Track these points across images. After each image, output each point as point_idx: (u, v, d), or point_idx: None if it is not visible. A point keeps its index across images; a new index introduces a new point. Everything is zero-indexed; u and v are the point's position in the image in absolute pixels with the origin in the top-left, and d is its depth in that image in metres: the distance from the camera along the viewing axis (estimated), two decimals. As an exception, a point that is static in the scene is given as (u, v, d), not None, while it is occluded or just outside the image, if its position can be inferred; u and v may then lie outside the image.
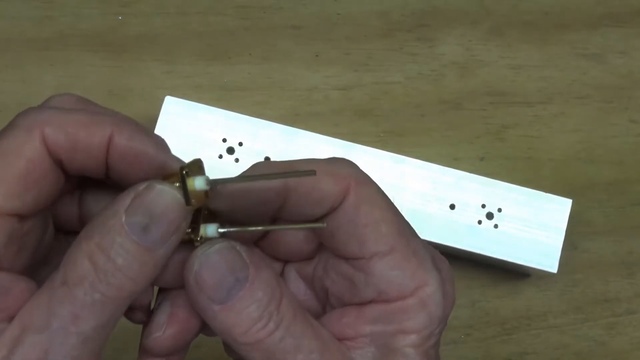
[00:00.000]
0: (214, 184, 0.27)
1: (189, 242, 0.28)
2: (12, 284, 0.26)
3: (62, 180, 0.27)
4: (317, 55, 0.54)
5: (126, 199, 0.26)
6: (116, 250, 0.25)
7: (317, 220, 0.29)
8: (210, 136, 0.48)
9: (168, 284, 0.29)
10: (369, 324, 0.29)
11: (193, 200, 0.26)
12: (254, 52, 0.54)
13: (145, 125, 0.51)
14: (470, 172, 0.49)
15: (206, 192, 0.27)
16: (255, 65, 0.54)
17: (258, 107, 0.53)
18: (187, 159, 0.48)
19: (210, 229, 0.28)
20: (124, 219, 0.25)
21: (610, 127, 0.54)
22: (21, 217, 0.26)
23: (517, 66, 0.55)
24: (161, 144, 0.28)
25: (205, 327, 0.30)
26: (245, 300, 0.27)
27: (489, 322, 0.51)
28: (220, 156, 0.48)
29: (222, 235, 0.28)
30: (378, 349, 0.29)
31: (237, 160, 0.48)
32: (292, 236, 0.31)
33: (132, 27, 0.54)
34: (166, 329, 0.29)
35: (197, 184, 0.26)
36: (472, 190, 0.48)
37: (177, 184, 0.26)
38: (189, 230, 0.28)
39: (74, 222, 0.30)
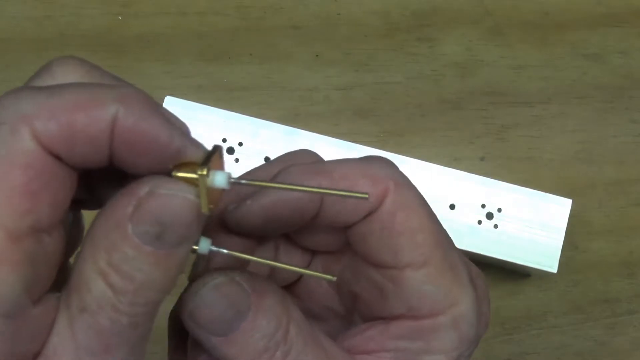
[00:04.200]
0: (237, 183, 0.23)
1: None
2: (45, 316, 0.22)
3: (74, 174, 0.22)
4: (317, 55, 0.54)
5: (127, 205, 0.22)
6: (131, 265, 0.21)
7: (350, 226, 0.26)
8: (210, 136, 0.48)
9: None
10: (394, 339, 0.26)
11: (211, 206, 0.22)
12: (254, 52, 0.54)
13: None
14: (470, 172, 0.49)
15: (222, 191, 0.23)
16: (255, 65, 0.54)
17: (258, 107, 0.53)
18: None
19: (203, 244, 0.24)
20: (130, 229, 0.21)
21: (610, 127, 0.54)
22: (41, 233, 0.22)
23: (517, 66, 0.55)
24: (175, 123, 0.23)
25: None
26: (248, 331, 0.24)
27: (489, 322, 0.51)
28: (221, 156, 0.48)
29: (211, 252, 0.24)
30: None
31: (237, 160, 0.48)
32: (320, 227, 0.27)
33: (132, 27, 0.54)
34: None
35: (217, 180, 0.22)
36: (472, 190, 0.48)
37: (189, 175, 0.22)
38: None
39: (84, 194, 0.25)
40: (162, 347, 0.49)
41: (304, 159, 0.28)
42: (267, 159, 0.48)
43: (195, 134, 0.51)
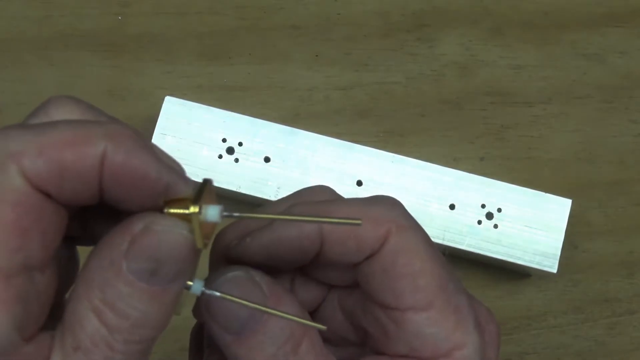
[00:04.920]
0: (229, 216, 0.23)
1: None
2: (38, 354, 0.22)
3: (65, 211, 0.23)
4: (317, 55, 0.54)
5: (122, 243, 0.22)
6: (126, 303, 0.22)
7: (356, 265, 0.26)
8: (210, 136, 0.48)
9: None
10: None
11: (206, 240, 0.23)
12: (254, 52, 0.54)
13: (145, 126, 0.52)
14: (470, 172, 0.49)
15: (214, 224, 0.23)
16: (255, 65, 0.54)
17: (258, 107, 0.53)
18: (187, 159, 0.48)
19: (196, 285, 0.24)
20: (124, 266, 0.22)
21: (610, 127, 0.54)
22: (33, 270, 0.22)
23: (517, 66, 0.55)
24: (165, 160, 0.23)
25: None
26: (260, 335, 0.25)
27: None
28: (220, 156, 0.48)
29: (202, 294, 0.24)
30: None
31: (236, 160, 0.48)
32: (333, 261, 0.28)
33: (132, 27, 0.54)
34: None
35: (209, 215, 0.23)
36: (472, 190, 0.48)
37: (181, 211, 0.22)
38: None
39: (78, 230, 0.26)
40: (160, 347, 0.49)
41: (317, 197, 0.28)
42: (267, 159, 0.48)
43: (195, 134, 0.52)
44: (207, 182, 0.23)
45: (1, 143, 0.21)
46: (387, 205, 0.27)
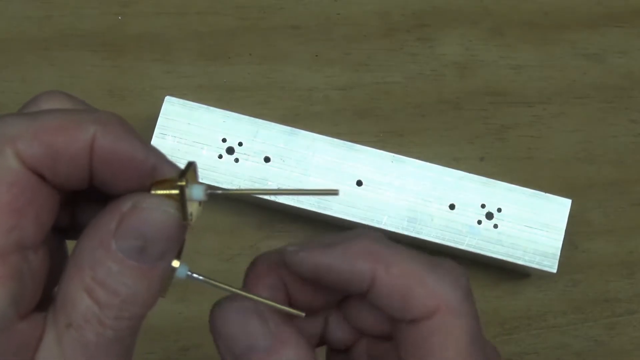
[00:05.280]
0: (213, 193, 0.24)
1: None
2: (31, 332, 0.23)
3: (57, 195, 0.24)
4: (317, 55, 0.54)
5: (110, 222, 0.23)
6: (115, 280, 0.22)
7: (395, 321, 0.26)
8: (210, 136, 0.48)
9: None
10: None
11: (191, 217, 0.24)
12: (254, 52, 0.54)
13: (145, 126, 0.52)
14: (470, 172, 0.49)
15: (200, 202, 0.24)
16: (255, 65, 0.54)
17: (258, 107, 0.53)
18: (187, 159, 0.48)
19: (181, 270, 0.24)
20: (113, 244, 0.22)
21: (610, 127, 0.54)
22: (28, 249, 0.23)
23: (517, 66, 0.55)
24: (150, 144, 0.24)
25: None
26: None
27: (489, 322, 0.51)
28: (220, 156, 0.48)
29: (190, 277, 0.25)
30: None
31: (236, 160, 0.48)
32: (369, 307, 0.28)
33: (132, 27, 0.54)
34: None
35: (194, 193, 0.23)
36: (472, 190, 0.48)
37: (168, 191, 0.23)
38: None
39: (66, 220, 0.27)
40: (160, 347, 0.50)
41: (372, 235, 0.28)
42: (267, 158, 0.48)
43: (195, 133, 0.52)
44: (191, 164, 0.24)
45: (1, 128, 0.22)
46: (449, 278, 0.26)
